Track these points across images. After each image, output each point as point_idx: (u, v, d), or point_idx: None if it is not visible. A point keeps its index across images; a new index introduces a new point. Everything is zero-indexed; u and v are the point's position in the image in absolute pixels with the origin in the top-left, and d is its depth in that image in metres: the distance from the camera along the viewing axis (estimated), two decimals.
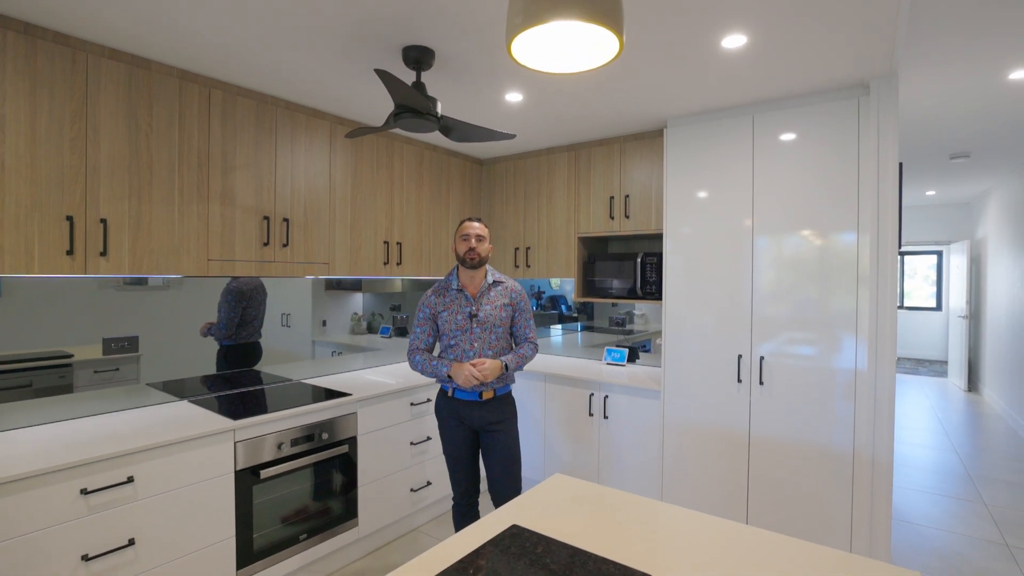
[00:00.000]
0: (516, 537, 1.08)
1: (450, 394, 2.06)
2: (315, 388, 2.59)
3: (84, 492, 1.60)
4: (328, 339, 3.00)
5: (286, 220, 2.40)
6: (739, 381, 2.45)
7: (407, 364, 3.28)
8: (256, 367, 2.63)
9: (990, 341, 5.81)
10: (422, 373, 2.05)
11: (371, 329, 3.29)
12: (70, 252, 1.76)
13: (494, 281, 2.10)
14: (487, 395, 2.03)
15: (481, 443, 2.09)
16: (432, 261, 3.22)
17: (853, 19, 1.66)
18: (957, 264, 6.85)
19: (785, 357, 2.34)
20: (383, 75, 1.54)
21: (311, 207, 2.52)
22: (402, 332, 3.46)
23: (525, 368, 2.97)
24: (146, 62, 1.95)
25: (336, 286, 3.07)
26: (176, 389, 2.31)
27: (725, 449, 2.48)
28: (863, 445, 2.15)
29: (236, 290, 2.53)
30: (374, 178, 2.83)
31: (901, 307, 8.73)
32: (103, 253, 1.84)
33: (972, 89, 2.60)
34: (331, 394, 2.44)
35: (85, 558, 1.60)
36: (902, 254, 8.79)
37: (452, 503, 2.15)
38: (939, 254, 8.53)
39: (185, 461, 1.83)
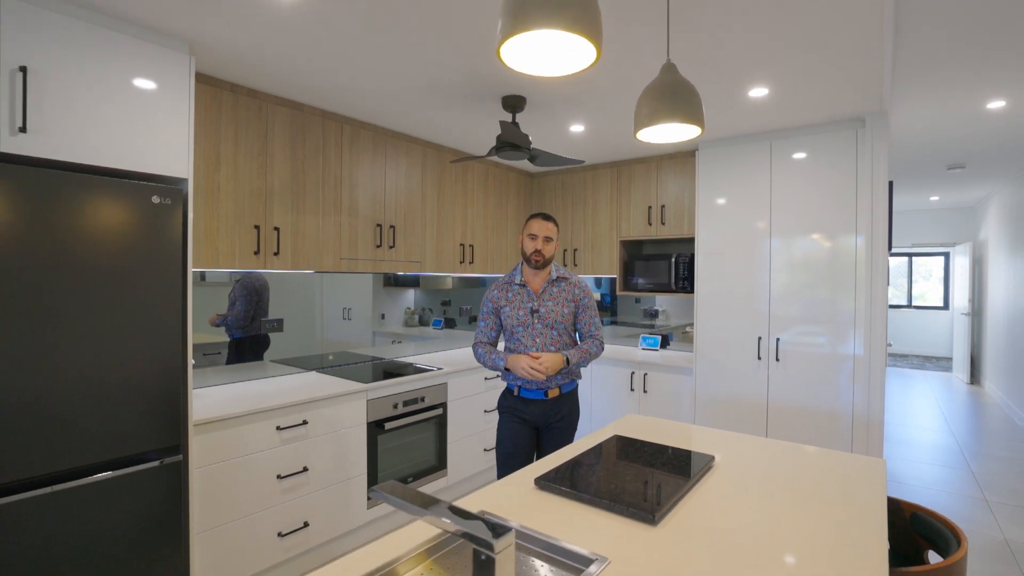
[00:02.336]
0: (620, 439, 1.63)
1: (515, 393, 2.06)
2: (408, 364, 3.16)
3: (278, 428, 2.18)
4: (386, 330, 3.44)
5: (392, 227, 2.98)
6: (759, 359, 2.98)
7: (456, 351, 3.79)
8: (355, 351, 3.21)
9: (990, 337, 6.25)
10: (483, 365, 2.11)
11: (422, 322, 3.73)
12: (257, 252, 2.35)
13: (557, 277, 2.09)
14: (552, 393, 2.01)
15: (540, 438, 2.09)
16: (495, 260, 3.79)
17: (849, 73, 2.20)
18: (961, 265, 7.28)
19: (796, 340, 2.87)
20: (504, 124, 2.10)
21: (408, 216, 3.10)
22: (451, 324, 3.94)
23: None
24: (300, 105, 2.54)
25: (393, 283, 3.46)
26: (299, 364, 2.89)
27: (747, 414, 3.02)
28: (860, 410, 2.67)
29: (250, 285, 2.65)
30: (453, 191, 3.41)
31: (910, 306, 9.14)
32: (276, 253, 2.43)
33: (956, 115, 3.11)
34: (425, 369, 3.01)
35: (279, 477, 2.18)
36: (910, 255, 9.20)
37: None
38: (946, 256, 8.93)
39: (336, 412, 2.41)
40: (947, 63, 2.34)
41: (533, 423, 2.05)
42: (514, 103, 2.40)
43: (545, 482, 1.29)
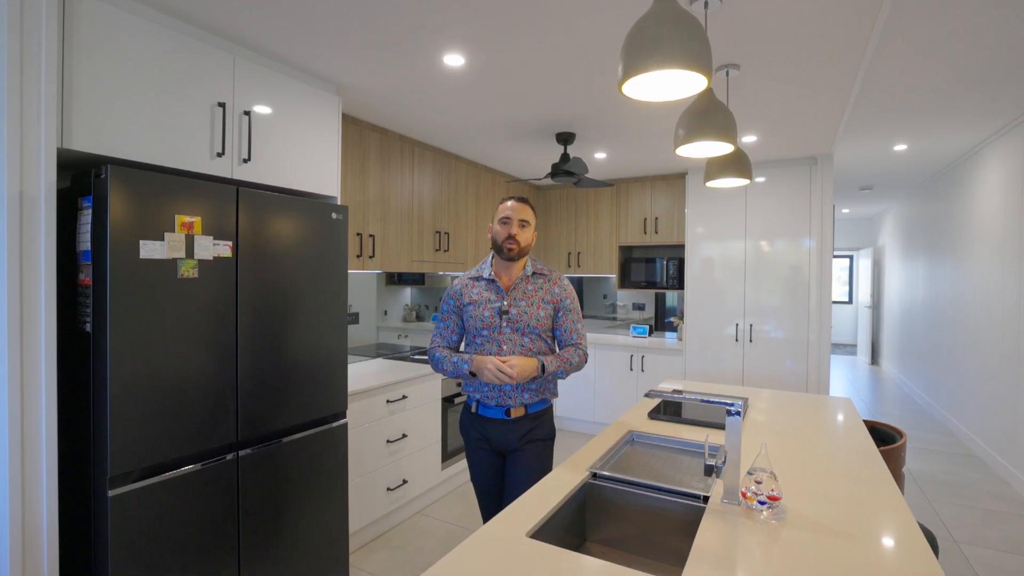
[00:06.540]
0: (678, 392, 2.31)
1: (473, 409, 1.74)
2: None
3: (388, 401, 2.65)
4: (389, 325, 3.78)
5: (447, 233, 3.49)
6: (736, 340, 3.81)
7: None
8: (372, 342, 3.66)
9: (886, 326, 7.70)
10: (443, 373, 1.73)
11: (419, 318, 4.10)
12: (359, 255, 2.79)
13: (534, 272, 1.76)
14: (516, 412, 1.68)
15: (506, 466, 1.73)
16: None
17: (810, 130, 3.03)
18: (864, 266, 8.80)
19: (764, 326, 3.73)
20: (566, 156, 2.71)
21: (458, 224, 3.61)
22: None
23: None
24: (386, 131, 2.99)
25: (396, 280, 3.77)
26: (360, 352, 3.32)
27: (728, 384, 3.83)
28: (812, 378, 3.56)
29: None
30: (486, 203, 3.96)
31: None
32: (372, 256, 2.87)
33: (871, 154, 4.12)
34: None
35: (388, 441, 2.66)
36: None
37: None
38: (851, 258, 10.61)
39: (421, 389, 2.91)
40: (871, 122, 3.26)
41: (497, 447, 1.73)
42: (566, 138, 3.01)
43: (657, 413, 1.93)
